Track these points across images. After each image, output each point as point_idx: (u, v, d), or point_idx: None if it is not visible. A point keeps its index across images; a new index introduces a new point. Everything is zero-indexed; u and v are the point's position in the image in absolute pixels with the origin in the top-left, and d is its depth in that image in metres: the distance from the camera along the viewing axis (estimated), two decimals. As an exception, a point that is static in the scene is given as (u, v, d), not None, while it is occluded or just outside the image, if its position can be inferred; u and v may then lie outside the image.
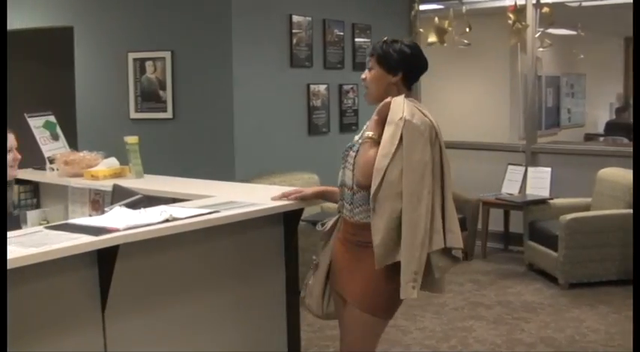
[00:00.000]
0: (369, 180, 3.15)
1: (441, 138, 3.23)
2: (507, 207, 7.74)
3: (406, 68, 3.31)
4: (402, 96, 3.26)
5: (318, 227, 3.52)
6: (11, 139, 3.71)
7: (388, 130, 3.16)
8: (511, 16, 7.29)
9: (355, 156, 3.27)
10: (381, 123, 3.21)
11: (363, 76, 3.38)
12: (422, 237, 3.08)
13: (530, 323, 5.60)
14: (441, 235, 3.15)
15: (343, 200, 3.35)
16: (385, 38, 3.38)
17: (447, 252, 3.21)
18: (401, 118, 3.14)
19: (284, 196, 3.75)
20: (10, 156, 3.68)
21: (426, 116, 3.21)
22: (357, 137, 3.37)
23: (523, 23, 7.43)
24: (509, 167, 7.89)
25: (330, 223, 3.50)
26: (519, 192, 7.66)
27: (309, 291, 3.55)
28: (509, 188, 7.76)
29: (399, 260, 3.07)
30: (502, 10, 7.60)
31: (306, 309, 3.63)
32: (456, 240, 3.20)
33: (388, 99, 3.24)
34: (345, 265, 3.34)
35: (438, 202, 3.16)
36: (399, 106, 3.19)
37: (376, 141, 3.19)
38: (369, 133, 3.25)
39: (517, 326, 5.54)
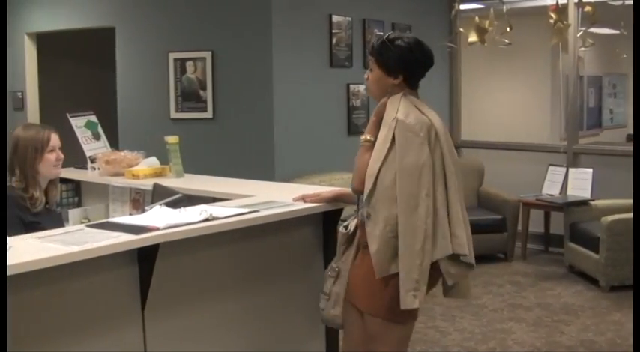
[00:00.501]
0: (362, 186, 3.07)
1: (444, 137, 3.08)
2: (548, 208, 7.67)
3: (407, 70, 3.15)
4: (400, 95, 3.13)
5: (342, 229, 3.37)
6: (55, 139, 3.76)
7: (382, 132, 3.07)
8: (552, 15, 7.20)
9: None
10: (379, 123, 3.12)
11: (366, 75, 3.28)
12: (422, 243, 2.95)
13: (571, 326, 5.55)
14: (448, 240, 3.01)
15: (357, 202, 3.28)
16: (386, 35, 3.23)
17: (457, 258, 3.08)
18: (394, 119, 3.03)
19: (302, 199, 3.70)
20: (53, 156, 3.72)
21: (424, 114, 3.08)
22: None
23: (565, 22, 7.34)
24: (550, 168, 7.81)
25: (352, 225, 3.34)
26: (560, 193, 7.58)
27: (333, 301, 3.36)
28: (550, 189, 7.68)
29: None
30: (543, 10, 7.51)
31: (325, 323, 3.49)
32: (461, 245, 3.05)
33: (385, 99, 3.15)
34: (356, 271, 3.25)
35: (443, 206, 3.02)
36: (394, 106, 3.08)
37: (373, 144, 3.10)
38: (367, 136, 3.16)
39: (557, 329, 5.49)
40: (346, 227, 3.34)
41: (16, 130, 3.75)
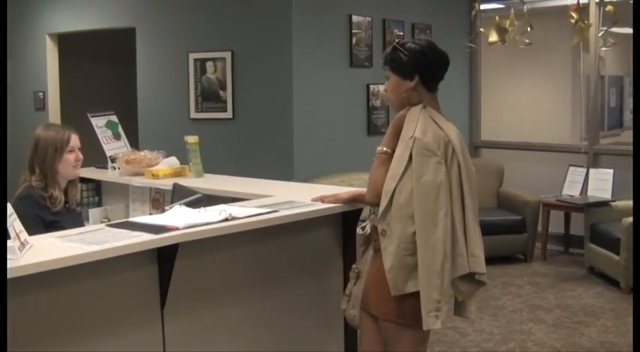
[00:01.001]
0: (377, 200, 3.06)
1: (462, 153, 3.04)
2: (568, 208, 7.63)
3: (421, 69, 3.11)
4: (419, 107, 3.08)
5: (359, 231, 3.34)
6: (75, 140, 3.78)
7: (399, 149, 3.04)
8: (573, 14, 7.17)
9: None
10: (397, 135, 3.09)
11: (383, 88, 3.25)
12: (441, 262, 2.92)
13: (591, 328, 5.52)
14: (465, 259, 2.99)
15: None
16: (395, 42, 3.22)
17: (469, 276, 3.06)
18: (411, 137, 2.99)
19: (321, 199, 3.69)
20: (73, 156, 3.74)
21: (442, 130, 3.04)
22: None
23: (586, 22, 7.30)
24: (571, 168, 7.77)
25: (368, 227, 3.29)
26: (580, 194, 7.54)
27: (352, 303, 3.37)
28: (571, 189, 7.65)
29: (418, 289, 2.93)
30: (564, 9, 7.47)
31: (349, 322, 3.49)
32: (479, 264, 3.02)
33: (404, 112, 3.11)
34: (368, 276, 3.23)
35: (460, 224, 3.00)
36: (413, 122, 3.04)
37: (390, 156, 3.07)
38: (383, 148, 3.13)
39: (577, 330, 5.46)
40: (363, 228, 3.31)
41: (37, 130, 3.78)
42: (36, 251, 2.62)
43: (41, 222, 3.53)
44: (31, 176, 3.69)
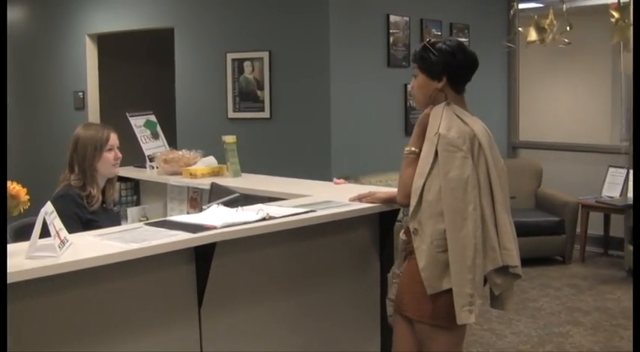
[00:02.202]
0: (407, 200, 3.07)
1: (489, 147, 3.03)
2: (608, 210, 7.55)
3: (449, 71, 3.11)
4: (442, 105, 3.08)
5: (402, 236, 3.29)
6: (114, 138, 3.82)
7: (425, 146, 3.05)
8: (614, 13, 7.09)
9: None
10: (423, 134, 3.09)
11: (410, 84, 3.26)
12: (473, 257, 2.93)
13: (630, 331, 5.45)
14: (497, 253, 2.99)
15: None
16: (425, 40, 3.22)
17: (504, 268, 3.05)
18: (436, 133, 3.00)
19: (358, 198, 3.68)
20: (112, 155, 3.78)
21: (467, 125, 3.03)
22: None
23: (626, 21, 7.22)
24: (610, 169, 7.68)
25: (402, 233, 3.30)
26: (620, 195, 7.45)
27: None
28: (610, 191, 7.56)
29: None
30: (604, 8, 7.39)
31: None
32: (511, 257, 3.02)
33: (427, 110, 3.12)
34: (402, 279, 3.22)
35: (490, 218, 3.00)
36: (437, 119, 3.05)
37: (418, 156, 3.08)
38: (410, 148, 3.14)
39: (616, 333, 5.40)
40: (406, 233, 3.26)
41: (77, 129, 3.82)
42: (75, 249, 2.64)
43: (79, 220, 3.57)
44: (70, 175, 3.72)
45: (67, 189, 3.66)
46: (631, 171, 7.45)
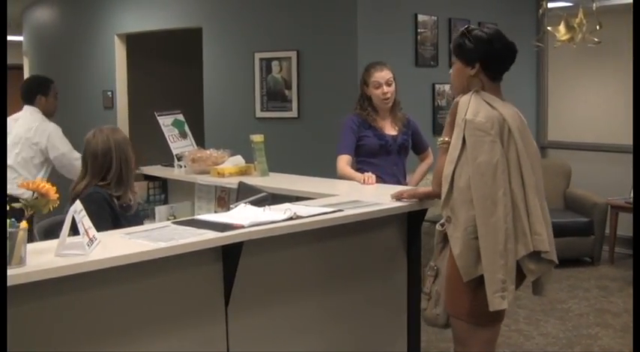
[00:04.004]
0: (440, 188, 3.07)
1: (519, 131, 3.01)
2: (629, 210, 7.48)
3: (483, 57, 3.10)
4: (471, 92, 3.08)
5: (438, 227, 3.27)
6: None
7: (454, 133, 3.05)
8: (645, 12, 7.03)
9: None
10: (453, 123, 3.09)
11: (450, 72, 3.27)
12: (504, 242, 2.91)
13: (661, 332, 5.40)
14: (529, 238, 2.97)
15: None
16: (463, 27, 3.22)
17: (537, 254, 3.02)
18: (463, 119, 3.00)
19: (397, 196, 3.68)
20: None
21: (495, 109, 3.01)
22: None
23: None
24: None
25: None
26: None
27: (434, 300, 3.33)
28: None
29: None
30: (635, 8, 7.34)
31: (427, 323, 3.45)
32: (542, 242, 2.99)
33: (457, 98, 3.11)
34: (445, 275, 3.21)
35: (522, 202, 2.97)
36: (464, 106, 3.04)
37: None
38: (444, 138, 3.14)
39: (645, 334, 5.35)
40: (442, 224, 3.25)
41: (104, 135, 3.69)
42: (104, 247, 2.66)
43: (110, 219, 3.56)
44: (97, 180, 3.65)
45: (95, 188, 3.63)
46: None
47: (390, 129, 4.66)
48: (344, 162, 4.56)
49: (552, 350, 5.08)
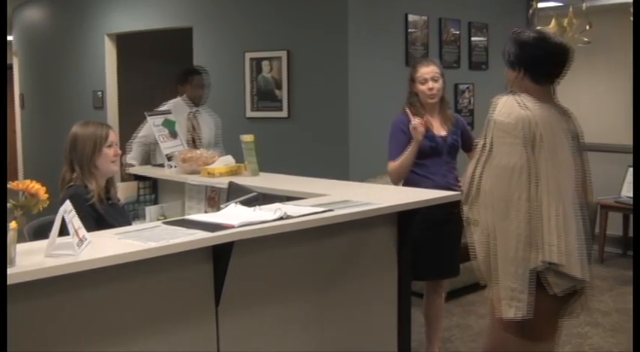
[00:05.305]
0: None
1: (550, 136, 2.90)
2: (627, 210, 7.50)
3: (527, 61, 3.05)
4: (507, 93, 3.03)
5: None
6: (113, 135, 3.80)
7: (484, 135, 2.99)
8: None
9: None
10: None
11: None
12: (515, 249, 2.80)
13: (651, 331, 5.42)
14: (542, 247, 2.85)
15: None
16: (512, 31, 3.16)
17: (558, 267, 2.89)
18: (491, 120, 2.95)
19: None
20: (112, 151, 3.75)
21: (529, 110, 2.91)
22: None
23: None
24: (630, 169, 7.64)
25: None
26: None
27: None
28: (630, 191, 7.51)
29: None
30: (625, 7, 7.36)
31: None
32: (553, 253, 2.85)
33: (493, 99, 3.06)
34: None
35: (545, 210, 2.85)
36: (497, 107, 2.98)
37: None
38: (479, 140, 3.06)
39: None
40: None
41: (74, 128, 3.78)
42: (94, 247, 2.65)
43: (92, 219, 3.54)
44: (71, 174, 3.69)
45: (74, 189, 3.63)
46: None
47: (440, 129, 4.57)
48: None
49: (543, 350, 5.09)
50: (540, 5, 7.77)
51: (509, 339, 3.03)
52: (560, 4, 8.11)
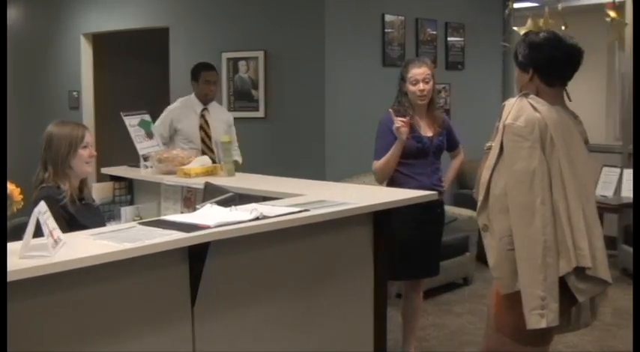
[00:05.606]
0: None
1: (562, 137, 2.83)
2: (602, 209, 7.46)
3: (536, 62, 2.99)
4: (518, 96, 2.96)
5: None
6: (89, 136, 3.78)
7: (496, 139, 2.91)
8: (610, 12, 7.10)
9: None
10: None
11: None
12: (543, 256, 2.71)
13: (624, 330, 5.46)
14: (571, 252, 2.75)
15: None
16: (524, 32, 3.11)
17: (584, 271, 2.80)
18: (502, 123, 2.87)
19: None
20: (86, 152, 3.74)
21: (539, 113, 2.84)
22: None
23: (621, 20, 7.23)
24: (604, 168, 7.68)
25: None
26: (614, 195, 7.45)
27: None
28: (604, 190, 7.54)
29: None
30: (600, 7, 7.41)
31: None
32: (583, 257, 2.75)
33: (504, 102, 3.00)
34: (493, 286, 3.10)
35: (564, 213, 2.77)
36: (507, 109, 2.91)
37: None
38: (490, 143, 2.98)
39: (609, 333, 5.40)
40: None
41: (50, 127, 3.77)
42: (69, 248, 2.64)
43: (63, 220, 3.52)
44: (43, 174, 3.68)
45: (46, 190, 3.61)
46: (625, 171, 7.46)
47: (427, 131, 4.58)
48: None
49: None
50: (516, 5, 7.80)
51: (506, 342, 2.99)
52: (536, 5, 8.16)
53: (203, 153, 5.52)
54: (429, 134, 4.57)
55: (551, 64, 3.01)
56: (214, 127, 5.90)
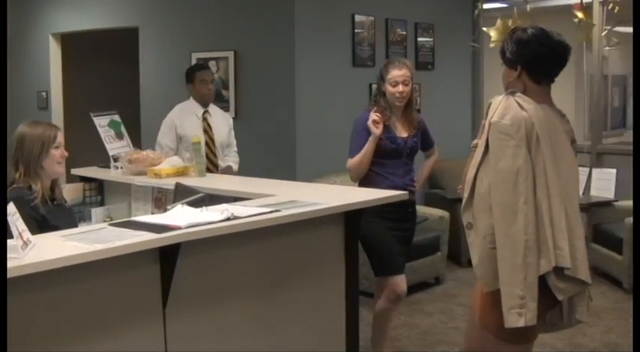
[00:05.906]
0: None
1: (547, 136, 2.81)
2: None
3: (523, 59, 2.98)
4: (504, 94, 2.95)
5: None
6: (61, 136, 3.76)
7: (482, 137, 2.89)
8: (577, 13, 7.17)
9: None
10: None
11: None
12: (524, 255, 2.71)
13: (593, 327, 5.51)
14: (552, 252, 2.75)
15: None
16: (512, 28, 3.08)
17: (564, 271, 2.81)
18: (488, 121, 2.86)
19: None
20: (58, 153, 3.71)
21: (525, 111, 2.82)
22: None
23: (589, 21, 7.30)
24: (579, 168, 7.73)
25: None
26: (583, 194, 7.50)
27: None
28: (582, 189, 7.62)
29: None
30: (567, 8, 7.48)
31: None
32: (563, 257, 2.76)
33: (490, 100, 2.99)
34: (477, 284, 3.07)
35: (547, 213, 2.76)
36: (494, 107, 2.90)
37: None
38: (476, 141, 2.96)
39: (579, 330, 5.43)
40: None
41: (21, 127, 3.73)
42: (39, 250, 2.62)
43: (34, 221, 3.49)
44: (15, 173, 3.65)
45: (17, 191, 3.58)
46: (594, 170, 7.52)
47: (402, 131, 4.60)
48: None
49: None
50: (486, 6, 7.87)
51: (490, 340, 2.97)
52: (505, 6, 8.22)
53: (207, 157, 5.39)
54: (404, 135, 4.59)
55: (539, 60, 3.00)
56: (217, 130, 5.77)
